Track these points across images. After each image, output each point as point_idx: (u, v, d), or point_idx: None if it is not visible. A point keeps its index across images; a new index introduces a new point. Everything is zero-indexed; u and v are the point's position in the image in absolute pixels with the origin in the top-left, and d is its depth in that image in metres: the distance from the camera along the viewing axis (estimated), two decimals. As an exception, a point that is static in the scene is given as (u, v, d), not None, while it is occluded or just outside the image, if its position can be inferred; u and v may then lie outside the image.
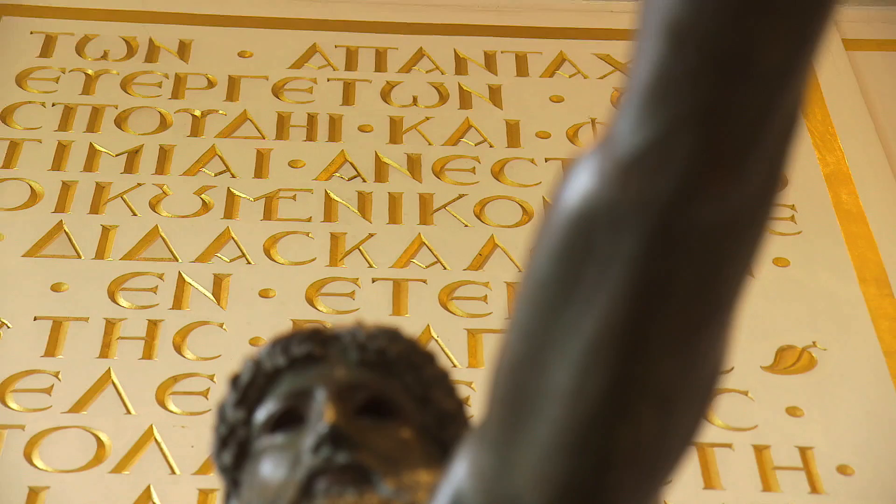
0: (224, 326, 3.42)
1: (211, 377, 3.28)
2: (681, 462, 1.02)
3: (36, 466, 3.04)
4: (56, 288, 3.48)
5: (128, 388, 3.24)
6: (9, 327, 3.36)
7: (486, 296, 3.55)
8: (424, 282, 3.58)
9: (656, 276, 0.91)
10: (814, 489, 3.07)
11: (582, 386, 0.96)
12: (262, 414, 1.41)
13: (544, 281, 0.96)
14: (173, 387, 3.25)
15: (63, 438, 3.11)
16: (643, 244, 0.91)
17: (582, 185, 0.93)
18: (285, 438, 1.38)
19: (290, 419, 1.40)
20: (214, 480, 2.98)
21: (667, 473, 1.02)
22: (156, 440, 3.12)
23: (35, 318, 3.39)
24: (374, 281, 3.57)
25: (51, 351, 3.31)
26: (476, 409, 1.20)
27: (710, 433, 3.08)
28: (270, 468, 1.36)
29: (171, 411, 3.19)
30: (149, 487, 3.01)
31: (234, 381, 1.46)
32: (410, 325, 3.19)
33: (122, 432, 3.13)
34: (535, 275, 0.97)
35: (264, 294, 3.51)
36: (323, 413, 1.35)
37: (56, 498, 2.97)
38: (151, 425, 3.15)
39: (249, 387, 1.44)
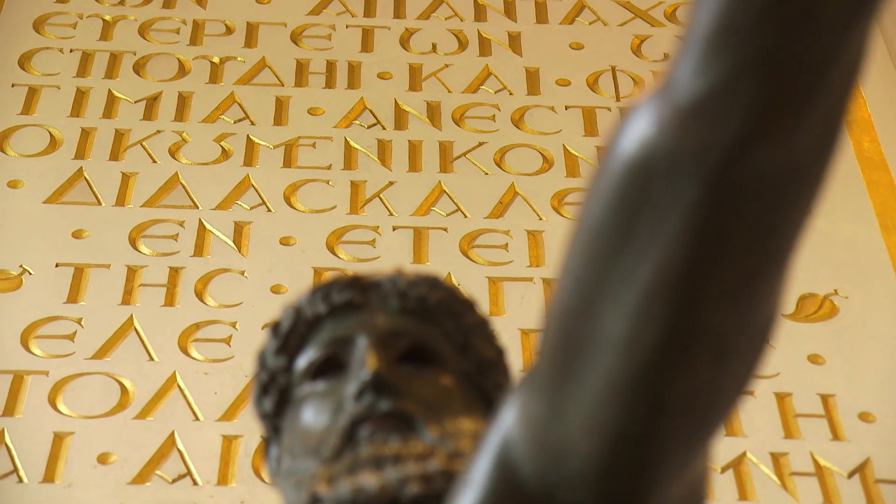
0: (245, 274, 3.42)
1: (233, 324, 3.29)
2: (733, 411, 1.02)
3: (60, 412, 3.06)
4: (77, 235, 3.48)
5: (150, 334, 3.24)
6: (31, 274, 3.37)
7: (506, 244, 3.55)
8: (445, 230, 3.58)
9: (714, 225, 0.91)
10: (835, 436, 3.08)
11: (636, 335, 0.95)
12: (303, 361, 1.41)
13: (598, 229, 0.95)
14: (195, 334, 3.26)
15: (86, 385, 3.12)
16: (701, 193, 0.90)
17: (639, 132, 0.92)
18: (327, 386, 1.38)
19: (331, 367, 1.39)
20: (238, 427, 3.01)
21: (719, 422, 1.02)
22: (179, 387, 3.13)
23: (57, 265, 3.40)
24: (394, 229, 3.57)
25: (73, 297, 3.32)
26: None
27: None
28: (312, 415, 1.36)
29: (194, 358, 3.20)
30: (172, 433, 3.03)
31: (275, 328, 1.46)
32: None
33: (145, 379, 3.14)
34: (588, 223, 0.96)
35: (285, 242, 3.51)
36: (365, 360, 1.35)
37: (80, 443, 2.99)
38: (174, 372, 3.16)
39: (290, 334, 1.44)
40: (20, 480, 2.90)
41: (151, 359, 3.19)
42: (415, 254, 3.51)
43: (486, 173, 3.74)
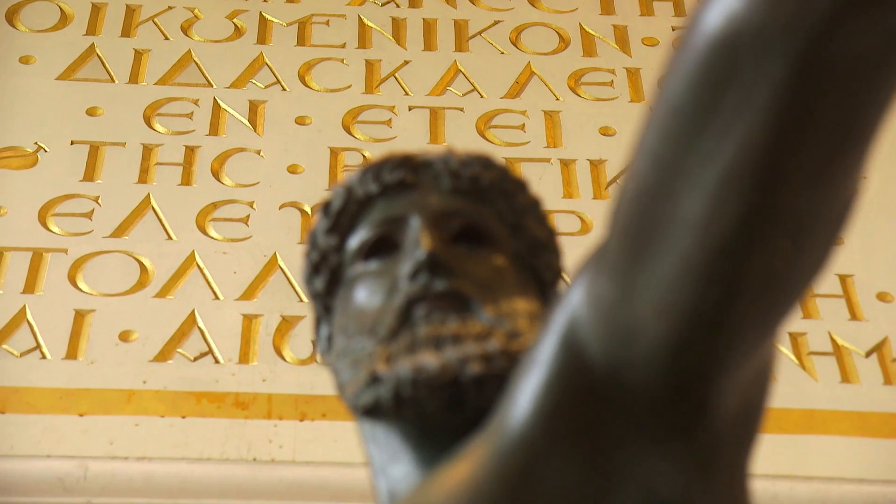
0: (261, 153, 3.40)
1: (250, 204, 3.28)
2: (807, 292, 1.01)
3: (80, 290, 3.06)
4: (91, 112, 3.46)
5: (168, 213, 3.24)
6: (46, 151, 3.35)
7: (523, 124, 3.53)
8: (461, 110, 3.55)
9: (801, 103, 0.90)
10: (853, 316, 3.09)
11: (715, 215, 0.95)
12: (355, 241, 1.39)
13: (680, 107, 0.94)
14: (213, 213, 3.25)
15: (106, 263, 3.12)
16: (790, 70, 0.89)
17: (726, 7, 0.90)
18: (380, 265, 1.36)
19: (383, 246, 1.38)
20: (258, 306, 3.01)
21: (793, 304, 1.01)
22: (198, 266, 3.13)
23: (72, 143, 3.38)
24: (410, 109, 3.55)
25: (89, 175, 3.31)
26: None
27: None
28: (366, 295, 1.34)
29: (212, 237, 3.20)
30: (193, 312, 3.04)
31: (325, 207, 1.44)
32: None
33: (164, 258, 3.14)
34: (669, 101, 0.95)
35: (300, 121, 3.49)
36: (419, 240, 1.33)
37: (102, 321, 3.00)
38: (193, 251, 3.16)
39: (341, 213, 1.42)
40: (43, 357, 2.92)
41: (170, 238, 3.19)
42: (431, 134, 3.49)
43: (502, 52, 3.71)
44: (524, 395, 1.09)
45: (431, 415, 1.24)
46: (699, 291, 0.98)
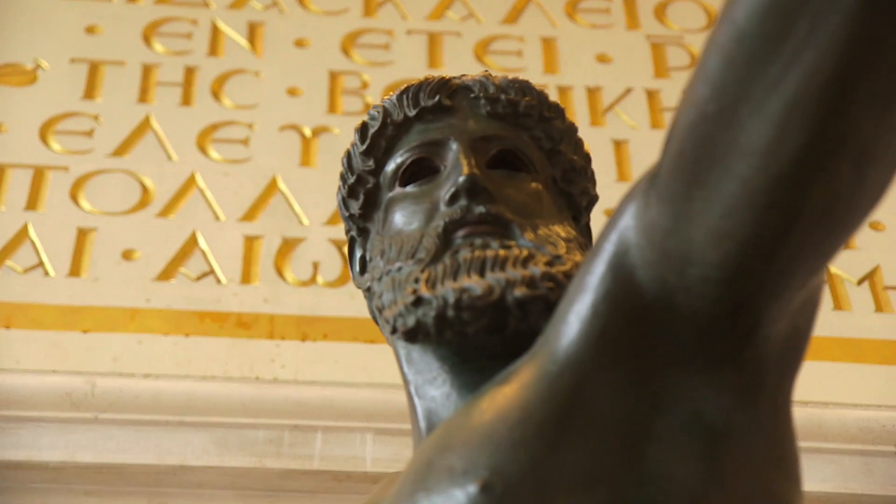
0: (260, 75, 3.41)
1: (250, 125, 3.29)
2: (865, 221, 1.03)
3: (82, 208, 3.07)
4: (90, 30, 3.44)
5: (168, 134, 3.24)
6: (44, 69, 3.34)
7: (520, 50, 3.54)
8: (459, 35, 3.56)
9: (872, 33, 0.91)
10: (846, 244, 3.13)
11: (779, 142, 0.96)
12: (393, 164, 1.40)
13: (747, 34, 0.95)
14: (213, 134, 3.26)
15: (107, 182, 3.13)
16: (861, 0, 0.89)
17: None
18: (418, 189, 1.37)
19: (421, 170, 1.39)
20: (259, 227, 3.03)
21: (851, 232, 1.03)
22: (199, 187, 3.14)
23: (71, 61, 3.37)
24: (408, 33, 3.55)
25: (89, 94, 3.31)
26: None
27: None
28: (404, 218, 1.35)
29: (213, 158, 3.21)
30: (194, 232, 3.05)
31: (362, 129, 1.44)
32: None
33: (165, 178, 3.15)
34: (734, 28, 0.96)
35: (299, 44, 3.49)
36: (459, 164, 1.34)
37: (104, 239, 3.01)
38: (193, 172, 3.17)
39: (378, 136, 1.42)
40: (46, 274, 2.94)
41: (170, 158, 3.20)
42: (430, 59, 3.49)
43: (500, -22, 3.70)
44: (573, 319, 1.11)
45: (471, 337, 1.25)
46: (758, 218, 1.00)
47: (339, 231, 3.09)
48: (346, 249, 3.02)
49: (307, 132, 3.28)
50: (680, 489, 1.07)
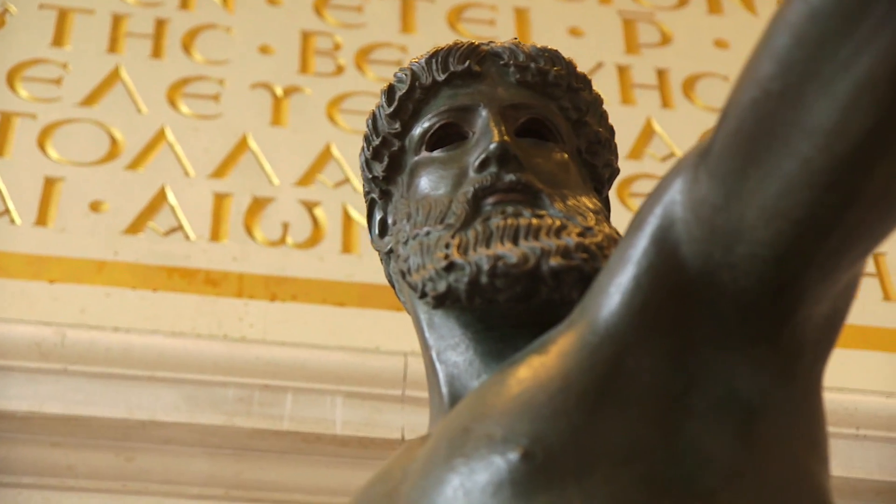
0: (232, 31, 3.37)
1: (220, 82, 3.26)
2: None
3: (50, 157, 3.03)
4: (59, -24, 3.39)
5: (138, 86, 3.20)
6: (12, 14, 3.28)
7: (492, 19, 3.54)
8: (432, 1, 3.54)
9: None
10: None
11: (845, 123, 0.96)
12: (420, 128, 1.39)
13: (821, 13, 0.95)
14: (184, 88, 3.23)
15: (76, 132, 3.09)
16: None
17: None
18: (446, 154, 1.36)
19: (449, 135, 1.38)
20: (229, 184, 3.01)
21: None
22: (168, 141, 3.11)
23: (40, 7, 3.31)
24: (382, -4, 3.53)
25: (58, 41, 3.26)
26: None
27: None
28: (432, 183, 1.34)
29: (183, 113, 3.17)
30: (163, 187, 3.02)
31: (389, 91, 1.42)
32: (418, 46, 3.19)
33: (135, 130, 3.11)
34: (808, 6, 0.96)
35: (272, 2, 3.46)
36: (489, 131, 1.33)
37: (72, 189, 2.97)
38: (163, 126, 3.13)
39: (405, 99, 1.41)
40: (12, 222, 2.89)
41: (140, 111, 3.16)
42: (402, 23, 3.48)
43: (475, -54, 3.69)
44: (614, 291, 1.11)
45: (500, 305, 1.25)
46: (816, 198, 1.00)
47: (310, 192, 3.07)
48: (316, 212, 3.05)
49: (279, 91, 3.26)
50: (715, 466, 1.07)
